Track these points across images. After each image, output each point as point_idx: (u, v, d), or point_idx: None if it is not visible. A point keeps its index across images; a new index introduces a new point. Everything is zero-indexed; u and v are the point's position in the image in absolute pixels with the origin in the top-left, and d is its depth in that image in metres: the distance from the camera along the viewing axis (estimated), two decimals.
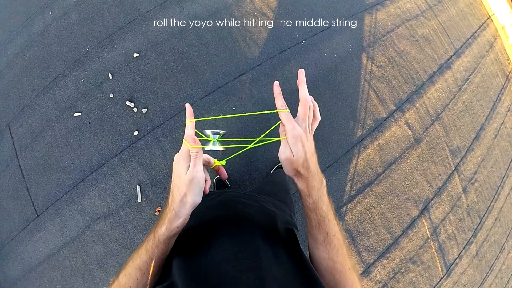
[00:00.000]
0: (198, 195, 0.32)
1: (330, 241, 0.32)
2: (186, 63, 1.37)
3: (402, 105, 1.48)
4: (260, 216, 0.43)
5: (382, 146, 1.38)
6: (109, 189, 1.25)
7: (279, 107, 0.33)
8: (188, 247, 0.35)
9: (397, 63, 1.55)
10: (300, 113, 0.33)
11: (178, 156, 0.33)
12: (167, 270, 0.32)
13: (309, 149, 0.31)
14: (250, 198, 0.51)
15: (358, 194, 1.30)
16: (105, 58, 1.41)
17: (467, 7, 2.03)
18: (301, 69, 0.34)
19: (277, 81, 0.35)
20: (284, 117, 0.32)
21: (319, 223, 0.32)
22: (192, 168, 0.31)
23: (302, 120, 0.32)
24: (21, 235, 1.28)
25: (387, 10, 1.66)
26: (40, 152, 1.36)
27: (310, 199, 0.32)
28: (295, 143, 0.30)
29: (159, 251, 0.31)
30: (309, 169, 0.31)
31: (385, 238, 1.29)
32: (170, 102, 1.32)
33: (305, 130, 0.31)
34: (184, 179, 0.31)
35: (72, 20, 1.54)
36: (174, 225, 0.30)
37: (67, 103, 1.39)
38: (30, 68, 1.51)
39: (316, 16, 1.51)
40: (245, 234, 0.35)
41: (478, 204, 1.54)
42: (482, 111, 1.72)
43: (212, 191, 1.02)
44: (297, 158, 0.30)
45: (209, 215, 0.43)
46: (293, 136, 0.30)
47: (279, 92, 0.34)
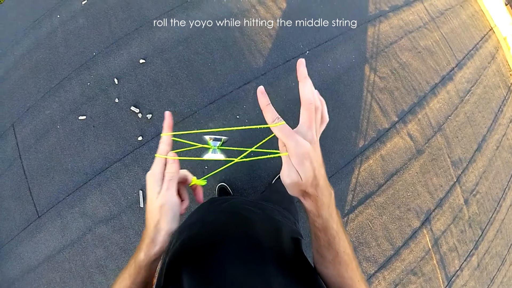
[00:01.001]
0: (172, 221, 0.29)
1: (340, 259, 0.29)
2: (191, 70, 1.39)
3: (404, 116, 1.49)
4: (264, 224, 0.43)
5: (384, 157, 1.39)
6: (112, 193, 1.26)
7: (270, 121, 0.26)
8: (197, 256, 0.35)
9: (399, 74, 1.57)
10: (304, 120, 0.25)
11: (149, 178, 0.29)
12: (175, 276, 0.32)
13: (318, 161, 0.25)
14: (255, 205, 0.50)
15: (359, 205, 1.30)
16: (111, 63, 1.43)
17: (469, 19, 2.05)
18: (301, 60, 0.26)
19: (262, 87, 0.27)
20: (281, 133, 0.25)
21: (329, 243, 0.28)
22: (164, 191, 0.28)
23: (308, 128, 0.25)
24: (21, 235, 1.28)
25: (390, 22, 1.68)
26: (43, 153, 1.37)
27: (320, 219, 0.27)
28: (301, 163, 0.24)
29: (141, 277, 0.29)
30: (318, 186, 0.25)
31: (386, 249, 1.28)
32: (174, 109, 1.33)
33: (311, 140, 0.25)
34: (155, 205, 0.28)
35: (79, 24, 1.56)
36: (152, 252, 0.28)
37: (72, 106, 1.40)
38: (36, 69, 1.53)
39: (320, 27, 1.54)
40: (255, 258, 0.34)
41: (480, 216, 1.54)
42: (484, 122, 1.72)
43: (217, 197, 1.01)
44: (306, 179, 0.25)
45: (216, 223, 0.44)
46: (297, 155, 0.24)
47: (267, 102, 0.26)
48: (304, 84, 0.26)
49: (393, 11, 1.73)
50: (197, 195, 0.34)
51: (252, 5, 1.54)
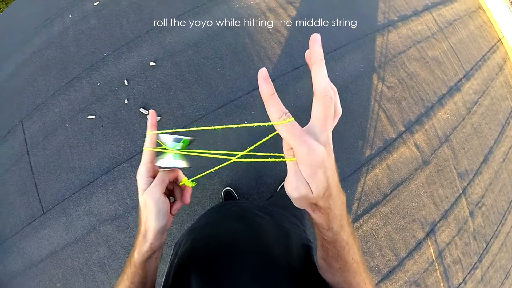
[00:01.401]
0: (158, 218, 0.28)
1: (348, 268, 0.27)
2: (201, 74, 1.40)
3: (411, 126, 1.49)
4: (274, 230, 0.43)
5: (390, 167, 1.39)
6: (118, 193, 1.27)
7: (276, 118, 0.19)
8: (207, 259, 0.35)
9: (407, 84, 1.57)
10: (318, 117, 0.20)
11: (137, 177, 0.29)
12: (183, 277, 0.33)
13: (332, 169, 0.21)
14: (264, 211, 0.51)
15: (364, 214, 1.30)
16: (122, 64, 1.45)
17: (477, 30, 2.05)
18: (316, 35, 0.19)
19: (264, 69, 0.20)
20: (288, 133, 0.19)
21: (338, 255, 0.26)
22: (149, 188, 0.28)
23: (322, 128, 0.20)
24: (25, 230, 1.29)
25: (398, 32, 1.68)
26: (51, 150, 1.38)
27: (330, 233, 0.24)
28: (314, 174, 0.19)
29: (138, 276, 0.29)
30: (331, 196, 0.21)
31: (390, 259, 1.28)
32: (183, 112, 1.34)
33: (326, 143, 0.20)
34: (141, 201, 0.28)
35: (91, 25, 1.58)
36: (143, 249, 0.28)
37: (82, 105, 1.42)
38: (46, 67, 1.55)
39: (329, 35, 1.55)
40: (266, 266, 0.34)
41: (485, 229, 1.52)
42: (490, 134, 1.72)
43: (227, 201, 1.01)
44: (318, 193, 0.20)
45: (227, 227, 0.44)
46: (310, 164, 0.19)
47: (271, 91, 0.19)
48: (320, 68, 0.19)
49: (402, 20, 1.73)
50: (184, 195, 0.32)
51: (262, 12, 1.55)
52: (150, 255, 0.29)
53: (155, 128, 0.29)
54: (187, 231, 0.48)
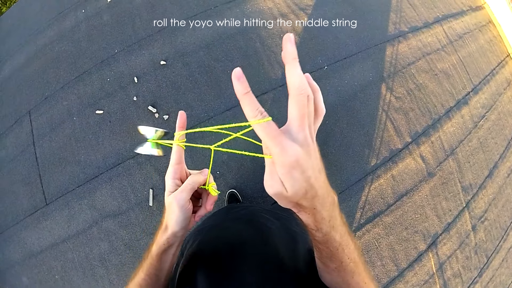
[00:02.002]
0: (180, 223, 0.28)
1: (344, 267, 0.26)
2: (210, 76, 1.41)
3: (418, 137, 1.49)
4: (281, 234, 0.43)
5: (395, 177, 1.39)
6: (122, 189, 1.27)
7: (251, 117, 0.19)
8: (214, 260, 0.35)
9: (415, 95, 1.57)
10: (294, 116, 0.19)
11: (166, 177, 0.30)
12: (189, 276, 0.33)
13: (314, 168, 0.20)
14: (273, 215, 0.51)
15: (367, 223, 1.29)
16: (133, 61, 1.46)
17: (487, 44, 2.05)
18: (288, 35, 0.20)
19: (238, 68, 0.20)
20: (264, 133, 0.19)
21: (332, 255, 0.25)
22: (177, 192, 0.28)
23: (298, 127, 0.19)
24: (27, 220, 1.30)
25: (408, 43, 1.69)
26: (57, 143, 1.39)
27: (319, 233, 0.23)
28: (288, 173, 0.19)
29: (153, 268, 0.30)
30: (316, 197, 0.21)
31: (390, 269, 1.27)
32: (191, 112, 1.35)
33: (304, 143, 0.19)
34: (167, 201, 0.28)
35: (103, 21, 1.60)
36: (161, 240, 0.29)
37: (90, 100, 1.43)
38: (57, 60, 1.57)
39: (340, 44, 1.55)
40: (273, 269, 0.34)
41: (486, 243, 1.51)
42: (496, 149, 1.71)
43: (236, 204, 1.02)
44: (295, 193, 0.20)
45: (235, 229, 0.44)
46: (283, 164, 0.19)
47: (246, 89, 0.19)
48: (293, 67, 0.19)
49: (412, 32, 1.74)
50: (207, 202, 0.32)
51: (274, 17, 1.56)
52: (167, 248, 0.30)
53: (183, 129, 0.29)
54: (194, 232, 0.48)
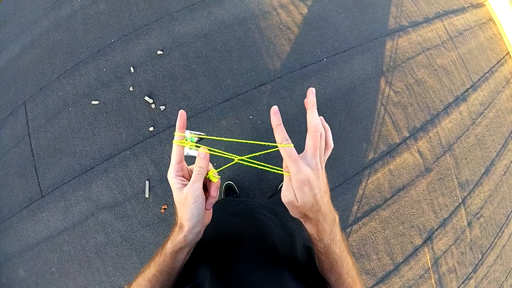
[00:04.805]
0: (195, 215, 0.28)
1: (343, 281, 0.30)
2: (208, 66, 1.39)
3: (416, 132, 1.48)
4: (279, 229, 0.43)
5: (392, 172, 1.39)
6: (118, 180, 1.26)
7: (279, 141, 0.27)
8: (214, 255, 0.35)
9: (414, 90, 1.56)
10: (309, 147, 0.26)
11: (168, 176, 0.30)
12: (190, 271, 0.33)
13: (320, 189, 0.26)
14: (270, 210, 0.51)
15: (364, 217, 1.29)
16: (129, 51, 1.43)
17: (487, 41, 2.04)
18: (311, 89, 0.28)
19: (276, 106, 0.28)
20: (287, 155, 0.26)
21: (331, 267, 0.30)
22: (190, 184, 0.28)
23: (312, 155, 0.26)
24: (23, 212, 1.28)
25: (408, 37, 1.68)
26: (53, 134, 1.37)
27: (321, 244, 0.29)
28: (300, 188, 0.26)
29: (166, 265, 0.30)
30: (319, 212, 0.27)
31: (386, 263, 1.28)
32: (188, 103, 1.33)
33: (315, 168, 0.26)
34: (180, 197, 0.28)
35: (99, 9, 1.57)
36: (177, 239, 0.30)
37: (86, 90, 1.41)
38: (53, 50, 1.54)
39: (339, 36, 1.54)
40: (271, 264, 0.35)
41: (482, 240, 1.52)
42: (493, 146, 1.71)
43: (231, 198, 1.02)
44: (303, 204, 0.26)
45: (232, 224, 0.44)
46: (297, 180, 0.25)
47: (279, 122, 0.27)
48: (312, 112, 0.27)
49: (413, 27, 1.72)
50: (210, 189, 0.32)
51: (273, 7, 1.54)
52: (182, 248, 0.30)
53: (182, 130, 0.31)
54: None
